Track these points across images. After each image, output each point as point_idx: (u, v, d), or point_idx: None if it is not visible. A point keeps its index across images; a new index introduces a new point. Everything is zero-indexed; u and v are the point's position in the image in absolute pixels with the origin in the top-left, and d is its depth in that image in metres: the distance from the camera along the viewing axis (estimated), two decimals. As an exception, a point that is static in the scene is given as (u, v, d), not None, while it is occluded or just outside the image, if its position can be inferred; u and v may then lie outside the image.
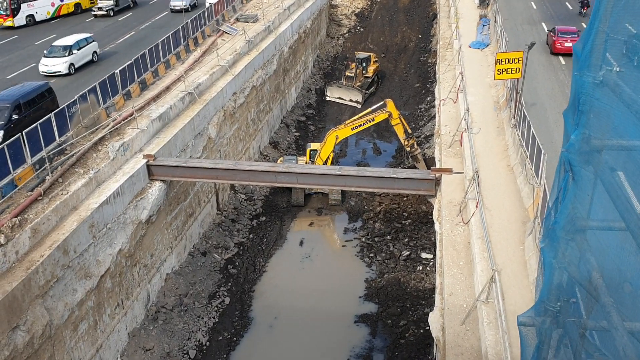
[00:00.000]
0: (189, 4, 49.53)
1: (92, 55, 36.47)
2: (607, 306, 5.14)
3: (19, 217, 18.68)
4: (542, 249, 6.46)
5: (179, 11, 48.38)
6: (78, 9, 51.91)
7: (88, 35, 37.37)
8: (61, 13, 50.13)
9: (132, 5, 52.97)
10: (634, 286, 5.04)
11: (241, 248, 29.82)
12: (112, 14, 49.88)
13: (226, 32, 40.36)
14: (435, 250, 25.87)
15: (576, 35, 35.68)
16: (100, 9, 49.89)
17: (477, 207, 19.99)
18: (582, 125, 5.65)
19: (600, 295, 5.31)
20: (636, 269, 5.10)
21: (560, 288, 6.23)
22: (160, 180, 24.80)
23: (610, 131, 5.50)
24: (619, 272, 5.33)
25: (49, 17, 48.70)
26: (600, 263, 5.66)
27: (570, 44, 34.32)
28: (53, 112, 22.78)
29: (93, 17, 49.47)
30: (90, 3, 52.97)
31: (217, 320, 25.37)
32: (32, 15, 47.35)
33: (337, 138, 32.28)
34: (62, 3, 50.53)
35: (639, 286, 4.97)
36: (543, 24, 43.24)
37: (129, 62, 29.36)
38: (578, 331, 5.85)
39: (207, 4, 43.83)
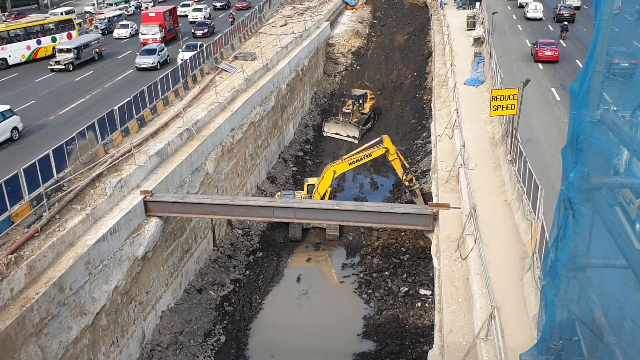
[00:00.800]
0: (158, 61, 43.35)
1: (11, 133, 29.34)
2: (611, 344, 5.10)
3: (14, 254, 18.53)
4: (544, 287, 6.43)
5: (147, 69, 42.89)
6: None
7: (5, 108, 29.74)
8: (38, 56, 47.02)
9: (96, 58, 47.05)
10: (635, 324, 5.01)
11: (237, 285, 29.54)
12: (71, 69, 43.59)
13: (225, 70, 40.90)
14: (433, 286, 25.68)
15: (554, 46, 43.88)
16: (57, 62, 43.25)
17: (475, 242, 19.94)
18: (581, 163, 5.71)
19: (603, 333, 5.27)
20: (638, 306, 5.07)
21: (562, 326, 6.18)
22: (157, 216, 24.73)
23: (608, 169, 5.55)
24: (621, 309, 5.30)
25: (24, 60, 45.84)
26: (602, 300, 5.63)
27: (550, 53, 43.13)
28: (51, 149, 22.84)
29: (50, 72, 43.15)
30: None
31: (212, 358, 24.93)
32: (4, 59, 44.34)
33: (334, 173, 32.39)
34: (39, 46, 47.63)
35: (641, 324, 4.96)
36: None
37: (128, 99, 29.63)
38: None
39: (180, 60, 39.88)
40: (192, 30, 56.06)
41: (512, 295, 17.52)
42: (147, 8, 73.45)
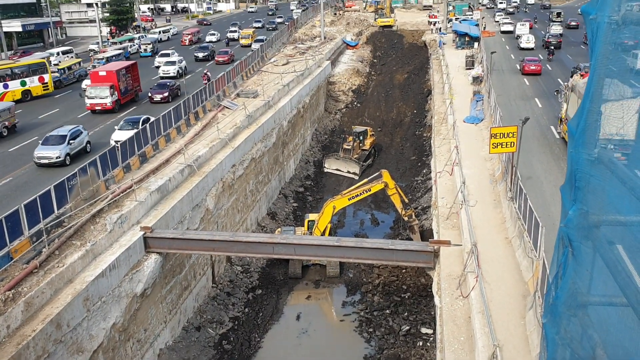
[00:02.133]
0: (67, 154, 32.12)
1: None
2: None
3: (12, 291, 18.39)
4: (544, 325, 6.36)
5: (48, 165, 31.50)
6: (27, 96, 47.05)
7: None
8: (4, 100, 43.97)
9: (4, 134, 37.58)
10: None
11: (236, 322, 29.16)
12: None
13: (227, 107, 41.38)
14: (435, 324, 25.36)
15: (538, 62, 54.42)
16: None
17: (476, 280, 19.80)
18: (580, 201, 5.75)
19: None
20: (639, 344, 5.02)
21: (564, 365, 6.11)
22: (157, 252, 24.63)
23: (607, 207, 5.58)
24: (622, 348, 5.24)
25: None
26: (603, 339, 5.58)
27: (534, 67, 53.51)
28: (53, 185, 22.94)
29: None
30: (44, 89, 48.82)
31: (210, 398, 24.44)
32: None
33: (334, 208, 32.38)
34: (6, 90, 45.72)
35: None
36: (536, 99, 44.53)
37: (130, 135, 29.86)
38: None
39: (113, 143, 32.56)
40: (149, 94, 46.96)
41: (515, 334, 17.29)
42: (145, 50, 72.97)
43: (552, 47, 64.25)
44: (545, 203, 25.62)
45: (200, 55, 67.61)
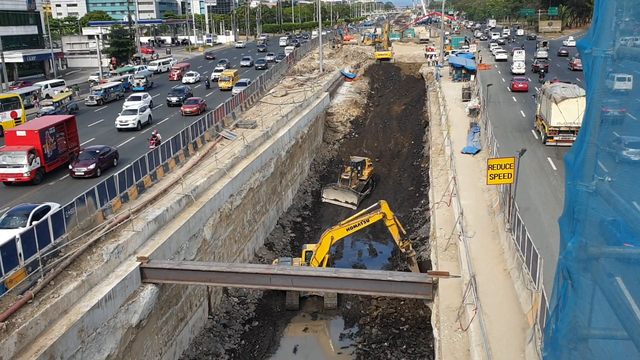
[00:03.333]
0: None
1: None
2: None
3: (6, 322, 18.15)
4: (545, 358, 6.29)
5: None
6: None
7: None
8: None
9: None
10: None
11: (232, 355, 28.72)
12: None
13: (225, 137, 41.58)
14: (434, 357, 25.01)
15: (525, 81, 64.19)
16: None
17: (475, 312, 19.62)
18: (579, 233, 5.75)
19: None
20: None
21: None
22: (153, 283, 24.41)
23: (606, 239, 5.58)
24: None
25: None
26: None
27: (522, 85, 63.15)
28: (50, 214, 22.86)
29: None
30: (16, 122, 46.21)
31: None
32: None
33: (332, 239, 32.26)
34: None
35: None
36: (532, 131, 44.86)
37: (128, 165, 29.94)
38: None
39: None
40: (70, 166, 35.52)
41: (515, 368, 17.06)
42: (138, 84, 70.01)
43: (542, 70, 72.61)
44: (543, 234, 25.58)
45: (174, 99, 58.68)
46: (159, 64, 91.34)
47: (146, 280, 24.25)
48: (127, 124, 47.74)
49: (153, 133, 40.41)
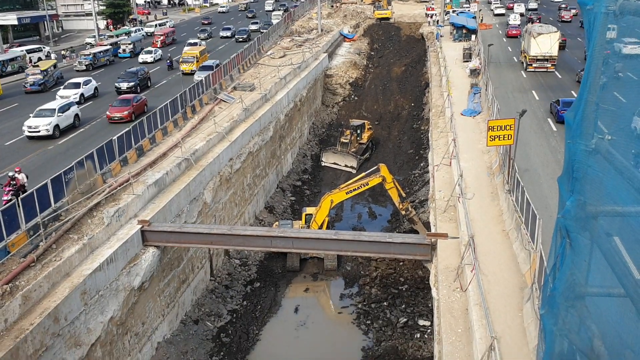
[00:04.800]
0: None
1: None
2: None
3: (10, 284, 18.37)
4: (542, 316, 6.36)
5: None
6: None
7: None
8: None
9: None
10: (635, 353, 4.93)
11: (234, 315, 29.21)
12: None
13: (224, 101, 41.26)
14: (432, 316, 25.44)
15: (517, 27, 72.96)
16: None
17: (473, 273, 19.83)
18: (577, 192, 5.73)
19: (604, 363, 5.22)
20: (637, 335, 5.01)
21: (562, 356, 6.10)
22: (154, 246, 24.62)
23: (604, 197, 5.57)
24: (620, 339, 5.24)
25: None
26: (602, 330, 5.57)
27: (515, 32, 72.31)
28: (50, 178, 22.87)
29: None
30: None
31: (209, 391, 24.50)
32: None
33: (332, 202, 32.39)
34: None
35: (641, 353, 4.89)
36: (533, 92, 44.51)
37: (127, 129, 29.80)
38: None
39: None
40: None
41: (512, 326, 17.35)
42: (124, 51, 65.47)
43: (534, 20, 78.62)
44: (542, 195, 25.65)
45: (124, 85, 46.53)
46: (155, 25, 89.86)
47: (147, 243, 24.44)
48: (38, 131, 34.94)
49: (11, 174, 24.31)
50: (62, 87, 46.44)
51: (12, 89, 50.56)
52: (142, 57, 61.88)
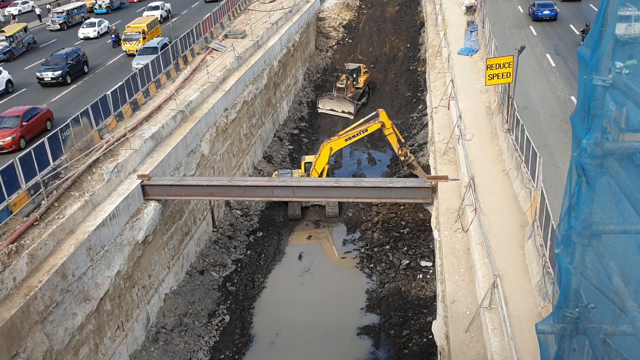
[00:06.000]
0: None
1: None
2: (632, 310, 5.08)
3: (15, 244, 18.47)
4: (557, 255, 6.38)
5: None
6: None
7: None
8: None
9: None
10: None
11: (239, 265, 29.62)
12: None
13: (215, 49, 40.43)
14: (434, 257, 25.81)
15: None
16: None
17: (474, 213, 19.97)
18: (595, 129, 5.63)
19: (623, 299, 5.25)
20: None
21: (577, 294, 6.16)
22: (155, 200, 24.65)
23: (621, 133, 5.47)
24: (637, 275, 5.25)
25: None
26: (620, 266, 5.59)
27: None
28: (46, 137, 22.64)
29: None
30: None
31: (217, 339, 25.13)
32: None
33: (331, 150, 32.28)
34: None
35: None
36: (531, 27, 43.62)
37: (120, 83, 29.30)
38: (599, 337, 5.78)
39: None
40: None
41: (514, 264, 17.60)
42: (100, 6, 58.42)
43: None
44: (542, 133, 25.54)
45: (49, 75, 35.98)
46: None
47: (148, 197, 24.46)
48: None
49: None
50: None
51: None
52: (82, 32, 48.84)
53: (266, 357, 24.41)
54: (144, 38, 42.82)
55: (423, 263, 28.21)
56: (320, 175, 32.16)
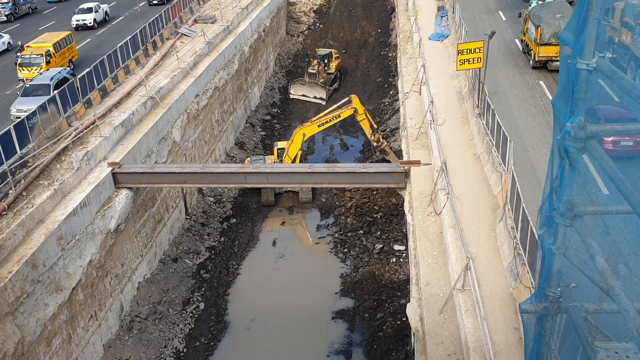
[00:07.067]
0: None
1: None
2: (615, 289, 5.26)
3: (-18, 234, 18.01)
4: (540, 236, 6.53)
5: None
6: None
7: None
8: None
9: None
10: (633, 267, 5.15)
11: (213, 252, 29.47)
12: None
13: (185, 35, 39.78)
14: (407, 241, 26.12)
15: None
16: None
17: (447, 197, 20.25)
18: (578, 112, 5.75)
19: (606, 278, 5.43)
20: (635, 252, 5.18)
21: (560, 274, 6.34)
22: (127, 187, 24.29)
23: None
24: (621, 254, 5.42)
25: None
26: (602, 246, 5.76)
27: None
28: (12, 124, 22.04)
29: None
30: None
31: (192, 326, 25.04)
32: None
33: (304, 135, 32.23)
34: None
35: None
36: (500, 12, 44.08)
37: (88, 69, 28.62)
38: (581, 315, 5.97)
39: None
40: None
41: (486, 246, 17.94)
42: None
43: None
44: (512, 117, 25.95)
45: None
46: None
47: (120, 185, 24.09)
48: None
49: None
50: None
51: None
52: None
53: (242, 343, 24.45)
54: (47, 63, 32.63)
55: (396, 247, 28.53)
56: (294, 161, 32.12)
